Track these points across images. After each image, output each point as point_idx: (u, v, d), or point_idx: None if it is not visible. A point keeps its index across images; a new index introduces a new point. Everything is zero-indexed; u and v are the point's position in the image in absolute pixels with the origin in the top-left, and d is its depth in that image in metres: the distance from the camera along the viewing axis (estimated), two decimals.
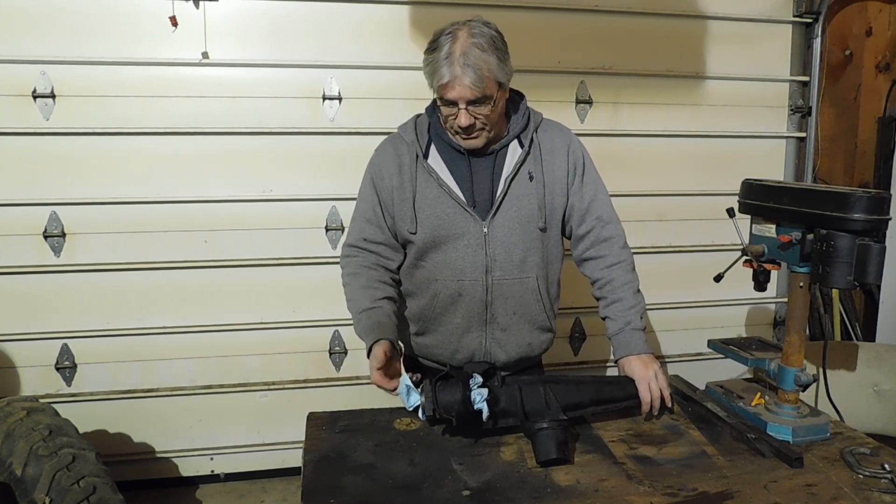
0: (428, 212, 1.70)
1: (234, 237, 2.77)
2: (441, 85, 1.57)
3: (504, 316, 1.75)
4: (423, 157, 1.72)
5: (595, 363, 3.10)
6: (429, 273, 1.75)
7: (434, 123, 1.74)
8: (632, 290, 1.75)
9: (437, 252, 1.73)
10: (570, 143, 1.78)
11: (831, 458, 1.47)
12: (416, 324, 1.82)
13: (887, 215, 1.41)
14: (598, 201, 1.78)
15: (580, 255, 1.82)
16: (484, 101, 1.59)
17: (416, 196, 1.71)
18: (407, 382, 1.51)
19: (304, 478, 1.38)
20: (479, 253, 1.70)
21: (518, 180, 1.71)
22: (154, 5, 2.57)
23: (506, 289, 1.73)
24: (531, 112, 1.78)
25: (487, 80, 1.57)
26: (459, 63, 1.54)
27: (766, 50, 3.12)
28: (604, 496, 1.31)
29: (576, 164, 1.76)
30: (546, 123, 1.80)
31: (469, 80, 1.54)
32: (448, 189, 1.69)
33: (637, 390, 1.62)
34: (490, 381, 1.50)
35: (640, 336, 1.70)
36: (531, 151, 1.73)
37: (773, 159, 3.22)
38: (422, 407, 1.47)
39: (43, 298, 2.68)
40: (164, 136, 2.66)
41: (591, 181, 1.79)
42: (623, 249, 1.79)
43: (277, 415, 2.89)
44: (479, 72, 1.55)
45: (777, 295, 3.26)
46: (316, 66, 2.72)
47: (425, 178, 1.71)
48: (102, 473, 2.04)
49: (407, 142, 1.75)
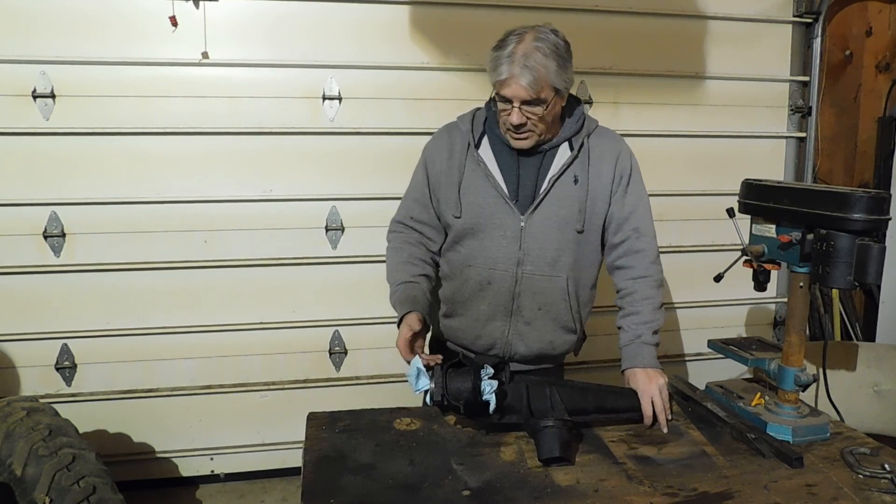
0: (471, 199, 1.75)
1: (234, 237, 2.77)
2: (499, 81, 1.62)
3: (530, 310, 1.77)
4: (475, 147, 1.77)
5: (595, 363, 3.10)
6: (463, 258, 1.79)
7: (490, 117, 1.79)
8: (651, 305, 1.75)
9: (473, 239, 1.77)
10: (620, 153, 1.79)
11: (831, 458, 1.47)
12: (446, 305, 1.87)
13: (887, 215, 1.41)
14: (638, 213, 1.79)
15: (612, 262, 1.83)
16: (537, 103, 1.62)
17: (461, 182, 1.76)
18: (419, 365, 1.51)
19: (304, 478, 1.38)
20: (514, 245, 1.73)
21: (562, 181, 1.73)
22: (154, 5, 2.57)
23: (535, 284, 1.75)
24: (586, 118, 1.80)
25: (543, 84, 1.60)
26: (519, 63, 1.59)
27: (766, 50, 3.12)
28: (604, 496, 1.31)
29: (622, 174, 1.78)
30: (600, 130, 1.82)
31: (525, 80, 1.58)
32: (493, 180, 1.74)
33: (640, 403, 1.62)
34: (499, 375, 1.51)
35: (650, 350, 1.70)
36: (580, 155, 1.75)
37: (773, 159, 3.22)
38: (430, 392, 1.48)
39: (43, 298, 2.68)
40: (164, 136, 2.66)
41: (634, 192, 1.80)
42: (653, 265, 1.79)
43: (277, 415, 2.89)
44: (536, 74, 1.59)
45: (777, 295, 3.26)
46: (316, 66, 2.72)
47: (473, 167, 1.76)
48: (102, 473, 2.04)
49: (462, 130, 1.80)
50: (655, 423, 1.62)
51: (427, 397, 1.49)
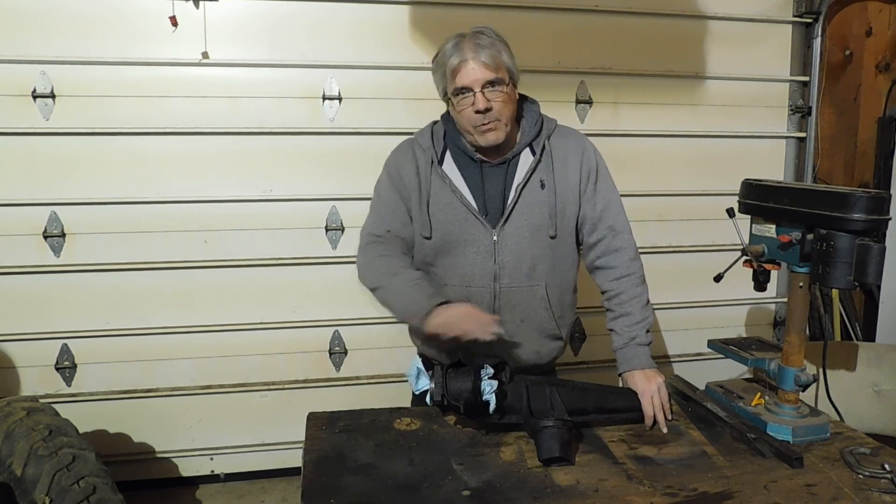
0: (440, 217, 1.71)
1: (234, 237, 2.77)
2: (453, 70, 1.60)
3: (511, 323, 1.74)
4: (438, 163, 1.73)
5: (595, 363, 3.10)
6: (438, 278, 1.75)
7: (450, 130, 1.75)
8: (640, 304, 1.74)
9: (447, 257, 1.73)
10: (584, 150, 1.76)
11: (831, 458, 1.47)
12: None
13: (887, 215, 1.41)
14: (610, 210, 1.77)
15: (591, 263, 1.81)
16: (498, 83, 1.60)
17: (430, 201, 1.72)
18: (419, 365, 1.51)
19: (304, 478, 1.38)
20: (488, 260, 1.70)
21: (529, 188, 1.71)
22: (154, 5, 2.57)
23: (513, 296, 1.72)
24: (545, 119, 1.77)
25: (499, 62, 1.60)
26: (470, 48, 1.59)
27: (766, 50, 3.12)
28: (604, 496, 1.31)
29: (589, 172, 1.75)
30: (561, 130, 1.79)
31: (483, 57, 1.58)
32: (460, 195, 1.70)
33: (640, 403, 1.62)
34: (499, 375, 1.51)
35: (645, 351, 1.70)
36: (543, 159, 1.72)
37: (773, 159, 3.22)
38: (430, 392, 1.48)
39: (43, 298, 2.68)
40: (164, 136, 2.66)
41: (604, 189, 1.77)
42: (633, 261, 1.77)
43: (277, 415, 2.89)
44: (490, 52, 1.59)
45: (777, 295, 3.26)
46: (316, 66, 2.72)
47: (439, 184, 1.72)
48: (102, 473, 2.04)
49: (423, 147, 1.76)
50: (656, 423, 1.62)
51: (428, 398, 1.49)
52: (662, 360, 3.21)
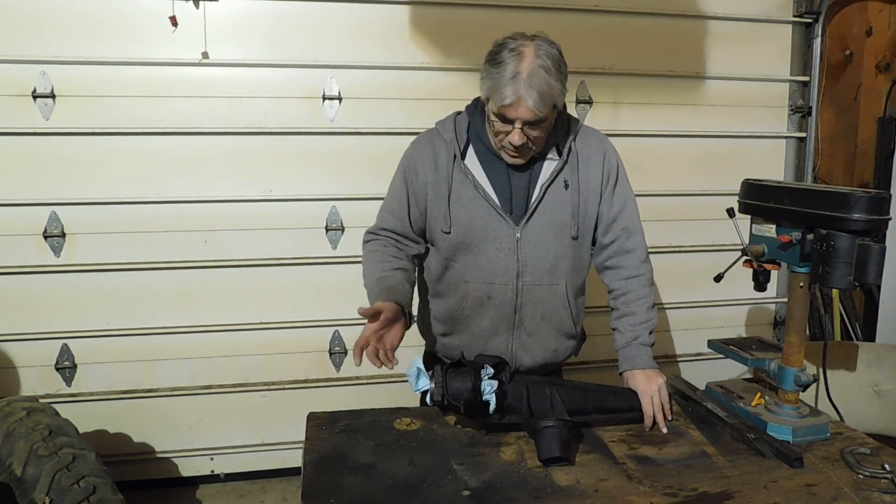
0: (462, 212, 1.70)
1: (234, 237, 2.77)
2: (503, 105, 1.54)
3: (532, 321, 1.74)
4: (461, 158, 1.71)
5: (595, 363, 3.10)
6: (459, 274, 1.74)
7: (474, 124, 1.73)
8: (645, 305, 1.74)
9: (468, 254, 1.72)
10: (606, 152, 1.77)
11: (831, 458, 1.47)
12: (445, 325, 1.82)
13: (887, 215, 1.41)
14: (626, 212, 1.77)
15: (601, 263, 1.81)
16: (540, 123, 1.58)
17: (451, 195, 1.70)
18: (418, 365, 1.51)
19: (304, 478, 1.38)
20: (511, 257, 1.70)
21: (554, 188, 1.70)
22: (154, 5, 2.57)
23: (535, 294, 1.72)
24: (570, 118, 1.77)
25: (548, 104, 1.55)
26: (525, 84, 1.51)
27: (766, 50, 3.12)
28: (604, 496, 1.31)
29: (609, 173, 1.76)
30: (584, 131, 1.79)
31: (532, 102, 1.52)
32: (484, 192, 1.69)
33: (640, 403, 1.62)
34: (499, 375, 1.51)
35: (647, 351, 1.70)
36: (569, 160, 1.72)
37: (773, 159, 3.22)
38: (430, 392, 1.48)
39: (43, 298, 2.68)
40: (164, 136, 2.66)
41: (622, 191, 1.78)
42: (643, 264, 1.77)
43: (277, 415, 2.89)
44: (542, 95, 1.52)
45: (777, 295, 3.26)
46: (316, 66, 2.72)
47: (461, 179, 1.70)
48: (102, 473, 2.04)
49: (445, 140, 1.73)
50: (656, 423, 1.62)
51: (428, 398, 1.49)
52: (662, 361, 3.21)
